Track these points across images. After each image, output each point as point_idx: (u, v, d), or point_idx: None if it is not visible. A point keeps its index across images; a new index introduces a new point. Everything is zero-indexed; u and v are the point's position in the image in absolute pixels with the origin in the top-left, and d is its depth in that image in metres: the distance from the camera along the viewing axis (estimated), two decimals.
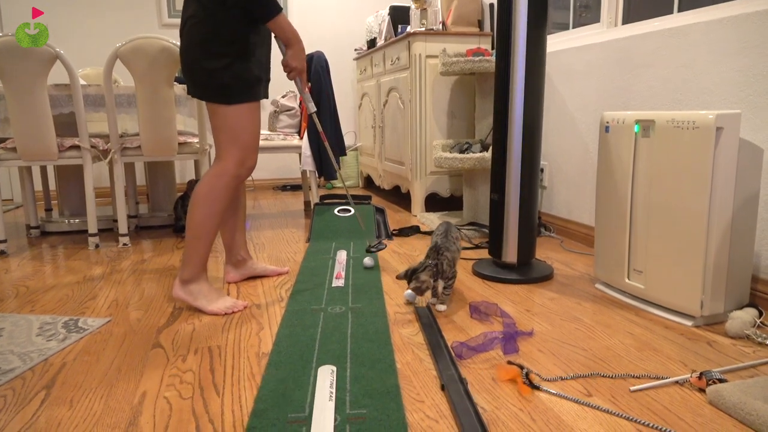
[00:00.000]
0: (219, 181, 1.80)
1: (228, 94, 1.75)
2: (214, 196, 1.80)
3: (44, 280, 2.23)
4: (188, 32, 1.74)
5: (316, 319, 1.71)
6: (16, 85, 2.50)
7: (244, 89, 1.76)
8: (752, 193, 1.65)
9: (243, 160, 1.82)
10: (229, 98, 1.75)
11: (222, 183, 1.80)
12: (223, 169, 1.80)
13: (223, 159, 1.81)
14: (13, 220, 3.62)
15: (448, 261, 1.73)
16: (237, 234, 2.10)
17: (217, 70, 1.72)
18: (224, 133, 1.79)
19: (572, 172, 2.70)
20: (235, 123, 1.78)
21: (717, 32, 1.88)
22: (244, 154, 1.82)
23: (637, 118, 1.77)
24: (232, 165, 1.81)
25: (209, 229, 1.82)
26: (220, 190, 1.80)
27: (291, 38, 1.77)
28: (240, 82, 1.74)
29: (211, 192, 1.79)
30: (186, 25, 1.75)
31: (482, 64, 2.83)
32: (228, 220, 2.07)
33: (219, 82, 1.73)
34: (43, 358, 1.49)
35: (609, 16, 2.51)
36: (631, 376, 1.34)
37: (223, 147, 1.81)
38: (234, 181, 1.83)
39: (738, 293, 1.68)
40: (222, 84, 1.73)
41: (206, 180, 1.80)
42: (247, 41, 1.73)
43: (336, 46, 4.84)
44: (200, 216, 1.80)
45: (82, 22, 4.30)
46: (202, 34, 1.71)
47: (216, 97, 1.76)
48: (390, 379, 1.32)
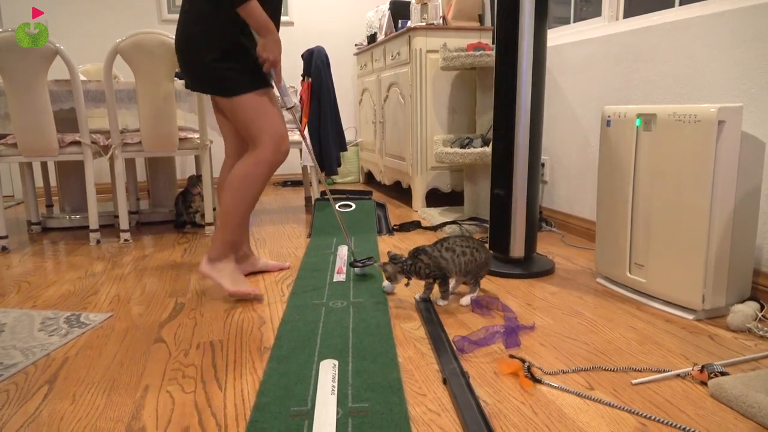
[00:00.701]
0: (256, 168, 1.85)
1: (234, 85, 1.78)
2: (249, 182, 1.85)
3: (46, 275, 2.23)
4: (185, 28, 1.76)
5: (317, 314, 1.71)
6: (17, 80, 2.50)
7: (249, 78, 1.79)
8: (754, 186, 1.64)
9: (278, 146, 1.86)
10: (236, 89, 1.78)
11: (259, 170, 1.85)
12: (260, 157, 1.84)
13: (259, 148, 1.85)
14: (14, 216, 3.62)
15: (425, 264, 1.73)
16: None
17: (218, 64, 1.74)
18: (250, 124, 1.83)
19: (573, 166, 2.70)
20: (256, 111, 1.81)
21: (718, 26, 1.88)
22: (277, 139, 1.85)
23: (638, 111, 1.76)
24: (269, 153, 1.85)
25: (242, 212, 1.88)
26: (257, 177, 1.85)
27: (261, 28, 1.75)
28: (240, 73, 1.78)
29: (247, 178, 1.84)
30: (182, 21, 1.76)
31: (483, 58, 2.83)
32: None
33: (221, 75, 1.76)
34: (45, 353, 1.49)
35: (610, 10, 2.51)
36: (632, 370, 1.34)
37: (256, 137, 1.84)
38: (271, 168, 1.87)
39: (739, 287, 1.68)
40: (225, 77, 1.77)
41: (243, 167, 1.84)
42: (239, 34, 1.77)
43: (336, 41, 4.83)
44: (234, 200, 1.86)
45: (82, 17, 4.29)
46: (198, 30, 1.74)
47: (225, 90, 1.79)
48: (392, 373, 1.32)
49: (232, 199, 1.86)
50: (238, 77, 1.79)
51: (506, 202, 2.11)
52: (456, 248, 1.76)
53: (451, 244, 1.77)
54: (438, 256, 1.74)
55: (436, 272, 1.74)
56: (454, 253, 1.76)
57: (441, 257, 1.75)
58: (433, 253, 1.75)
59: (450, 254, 1.75)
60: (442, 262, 1.74)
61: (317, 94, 3.24)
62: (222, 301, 1.88)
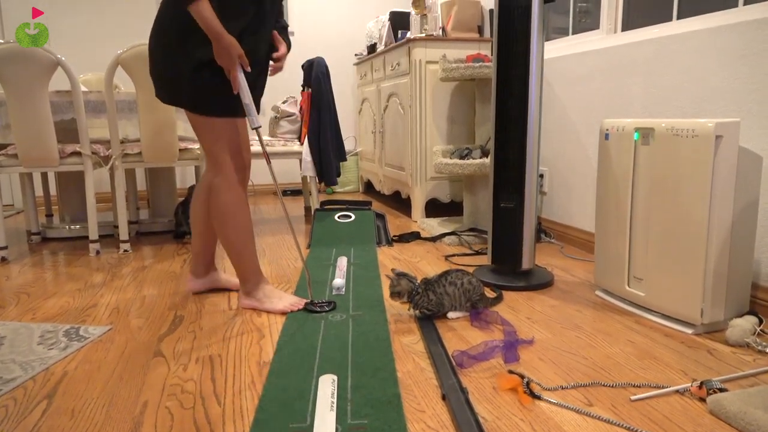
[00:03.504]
0: (230, 194, 1.82)
1: (206, 107, 1.74)
2: (235, 209, 1.82)
3: (45, 287, 2.23)
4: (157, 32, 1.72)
5: (316, 327, 1.71)
6: (18, 91, 2.51)
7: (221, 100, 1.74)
8: (752, 200, 1.65)
9: (239, 162, 1.83)
10: (204, 108, 1.74)
11: (234, 194, 1.82)
12: (227, 180, 1.81)
13: (220, 170, 1.81)
14: (14, 225, 3.62)
15: (428, 300, 1.75)
16: (208, 245, 2.04)
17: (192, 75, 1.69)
18: (210, 145, 1.79)
19: (572, 177, 2.71)
20: (219, 136, 1.78)
21: (716, 40, 1.89)
22: (237, 155, 1.83)
23: (636, 125, 1.77)
24: (231, 173, 1.82)
25: (245, 240, 1.87)
26: (237, 202, 1.83)
27: (209, 31, 1.62)
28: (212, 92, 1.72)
29: (231, 208, 1.82)
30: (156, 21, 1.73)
31: (482, 70, 2.84)
32: (201, 228, 2.00)
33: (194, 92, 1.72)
34: (44, 367, 1.49)
35: (608, 22, 2.52)
36: (631, 385, 1.34)
37: (215, 156, 1.80)
38: (241, 186, 1.85)
39: (738, 301, 1.69)
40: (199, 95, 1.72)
41: (220, 198, 1.81)
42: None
43: (336, 51, 4.85)
44: (232, 234, 1.84)
45: (84, 27, 4.31)
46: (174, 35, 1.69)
47: (194, 108, 1.74)
48: (391, 388, 1.32)
49: (229, 232, 1.84)
50: (208, 95, 1.72)
51: (516, 214, 2.11)
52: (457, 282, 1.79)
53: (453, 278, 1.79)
54: (443, 293, 1.76)
55: (435, 309, 1.77)
56: (455, 287, 1.78)
57: (445, 293, 1.76)
58: (438, 289, 1.76)
59: (452, 288, 1.77)
60: (445, 300, 1.76)
61: (317, 105, 3.25)
62: (221, 314, 1.89)
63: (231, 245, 1.86)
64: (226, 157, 1.81)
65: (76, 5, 4.27)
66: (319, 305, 1.89)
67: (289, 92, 4.78)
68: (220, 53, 1.65)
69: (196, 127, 1.80)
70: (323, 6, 4.77)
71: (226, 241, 1.86)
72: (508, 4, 2.01)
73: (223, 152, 1.80)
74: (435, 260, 2.52)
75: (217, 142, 1.79)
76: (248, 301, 1.92)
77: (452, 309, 1.79)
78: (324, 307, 1.88)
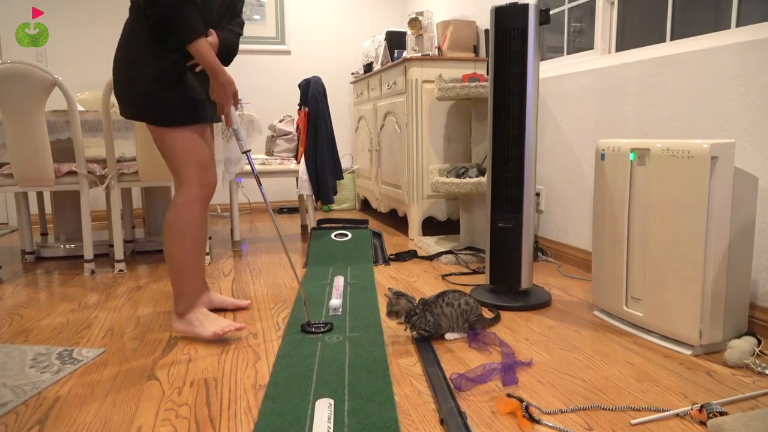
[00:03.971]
0: (188, 209, 1.78)
1: (170, 116, 1.71)
2: (186, 226, 1.78)
3: (39, 308, 2.21)
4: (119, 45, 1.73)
5: (313, 349, 1.70)
6: (14, 111, 2.51)
7: (182, 111, 1.72)
8: (748, 220, 1.65)
9: (201, 178, 1.80)
10: (171, 121, 1.72)
11: (191, 211, 1.78)
12: (188, 195, 1.78)
13: (184, 184, 1.78)
14: (8, 244, 3.60)
15: (426, 321, 1.74)
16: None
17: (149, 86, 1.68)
18: (172, 157, 1.76)
19: (568, 196, 2.71)
20: (183, 148, 1.75)
21: (709, 61, 1.91)
22: (202, 171, 1.79)
23: (632, 146, 1.78)
24: (195, 188, 1.79)
25: (192, 259, 1.82)
26: (191, 218, 1.78)
27: (209, 68, 1.69)
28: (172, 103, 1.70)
29: (183, 222, 1.77)
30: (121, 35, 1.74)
31: (478, 89, 2.86)
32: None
33: (157, 103, 1.69)
34: (36, 391, 1.47)
35: (603, 43, 2.55)
36: (631, 409, 1.32)
37: (180, 171, 1.78)
38: (202, 203, 1.81)
39: (736, 321, 1.68)
40: (161, 106, 1.70)
41: (175, 212, 1.78)
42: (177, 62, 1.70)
43: (333, 69, 4.88)
44: (179, 250, 1.79)
45: (81, 46, 4.33)
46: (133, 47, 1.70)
47: (157, 119, 1.72)
48: (388, 412, 1.31)
49: (175, 247, 1.79)
50: (168, 107, 1.71)
51: (515, 234, 2.11)
52: (454, 303, 1.78)
53: (450, 299, 1.78)
54: (440, 314, 1.75)
55: (432, 331, 1.75)
56: (452, 308, 1.77)
57: (443, 314, 1.75)
58: (435, 310, 1.75)
59: (450, 309, 1.76)
60: (442, 321, 1.75)
61: (314, 124, 3.26)
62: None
63: (173, 261, 1.81)
64: (190, 172, 1.78)
65: (74, 25, 4.30)
66: (316, 326, 1.87)
67: (286, 111, 4.80)
68: (217, 89, 1.74)
69: (162, 144, 1.76)
70: (320, 25, 4.81)
71: (170, 257, 1.80)
72: (504, 25, 2.03)
73: (187, 167, 1.77)
74: (432, 279, 2.51)
75: (182, 156, 1.76)
76: (179, 325, 1.84)
77: (450, 330, 1.78)
78: (321, 327, 1.86)
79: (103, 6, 4.33)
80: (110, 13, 4.34)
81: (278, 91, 4.78)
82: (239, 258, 3.04)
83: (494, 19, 2.05)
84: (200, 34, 1.65)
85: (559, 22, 2.91)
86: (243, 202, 4.84)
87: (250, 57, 4.67)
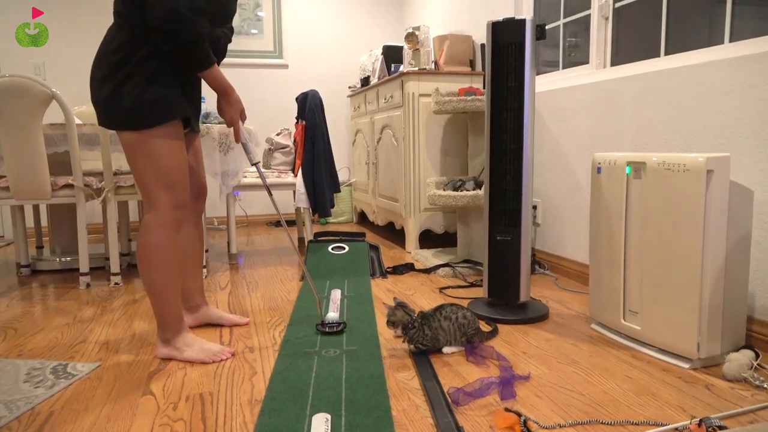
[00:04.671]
0: (161, 234, 1.68)
1: (134, 119, 1.61)
2: (162, 252, 1.69)
3: (33, 321, 2.19)
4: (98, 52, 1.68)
5: (310, 363, 1.69)
6: (12, 124, 2.51)
7: (151, 111, 1.62)
8: (744, 234, 1.66)
9: (173, 199, 1.69)
10: (136, 123, 1.61)
11: (165, 235, 1.69)
12: (160, 219, 1.68)
13: (155, 206, 1.68)
14: (3, 257, 3.58)
15: (423, 334, 1.73)
16: (188, 279, 1.98)
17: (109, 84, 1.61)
18: (140, 170, 1.66)
19: (565, 209, 2.72)
20: (148, 155, 1.64)
21: (704, 75, 1.93)
22: (175, 192, 1.69)
23: (628, 159, 1.79)
24: (167, 210, 1.69)
25: (172, 286, 1.73)
26: (166, 244, 1.69)
27: (220, 89, 1.74)
28: (143, 104, 1.60)
29: (158, 250, 1.68)
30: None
31: (475, 103, 2.88)
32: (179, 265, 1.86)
33: (120, 105, 1.60)
34: (30, 406, 1.45)
35: (597, 58, 2.57)
36: (630, 423, 1.32)
37: (149, 190, 1.67)
38: (176, 226, 1.72)
39: (734, 334, 1.68)
40: (124, 107, 1.60)
41: (147, 237, 1.68)
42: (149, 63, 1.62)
43: (330, 83, 4.91)
44: (157, 277, 1.70)
45: (79, 59, 4.35)
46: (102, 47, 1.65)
47: (122, 123, 1.62)
48: (386, 427, 1.30)
49: (152, 275, 1.69)
50: (145, 106, 1.60)
51: (513, 247, 2.11)
52: (452, 316, 1.78)
53: (448, 312, 1.78)
54: (438, 327, 1.75)
55: (430, 345, 1.75)
56: (450, 321, 1.76)
57: (440, 328, 1.75)
58: (433, 323, 1.75)
59: (447, 323, 1.76)
60: (440, 335, 1.75)
61: (311, 137, 3.27)
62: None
63: (154, 289, 1.72)
64: (160, 193, 1.67)
65: (72, 39, 4.31)
66: (330, 326, 1.92)
67: (283, 124, 4.82)
68: (226, 107, 1.80)
69: (134, 154, 1.65)
70: (317, 39, 4.84)
71: (150, 285, 1.71)
72: (501, 40, 2.05)
73: (156, 186, 1.66)
74: (429, 292, 2.50)
75: (154, 171, 1.65)
76: (166, 350, 1.77)
77: (447, 344, 1.77)
78: (334, 327, 1.91)
79: (101, 20, 4.35)
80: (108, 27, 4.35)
81: (275, 105, 4.79)
82: (236, 271, 3.03)
83: (491, 33, 2.06)
84: (213, 62, 1.66)
85: (554, 37, 2.94)
86: (240, 215, 4.83)
87: (247, 71, 4.69)
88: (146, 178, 1.67)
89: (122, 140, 1.66)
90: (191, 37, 1.56)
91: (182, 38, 1.56)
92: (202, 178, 1.96)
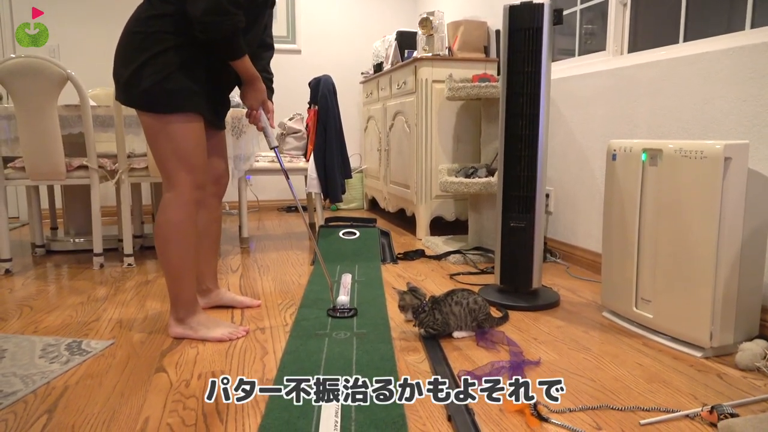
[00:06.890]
0: (181, 212, 1.70)
1: (150, 102, 1.64)
2: (181, 230, 1.71)
3: (48, 300, 2.22)
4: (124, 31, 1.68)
5: (320, 345, 1.70)
6: (27, 105, 2.53)
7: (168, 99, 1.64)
8: (761, 223, 1.64)
9: (194, 180, 1.72)
10: (153, 106, 1.64)
11: (185, 213, 1.71)
12: (180, 198, 1.70)
13: (175, 185, 1.70)
14: (18, 238, 3.62)
15: (433, 318, 1.73)
16: (203, 263, 1.99)
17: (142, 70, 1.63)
18: (165, 152, 1.68)
19: (578, 197, 2.70)
20: (173, 137, 1.67)
21: (723, 62, 1.89)
22: (195, 172, 1.72)
23: (644, 146, 1.77)
24: (187, 189, 1.71)
25: (188, 264, 1.75)
26: (185, 221, 1.71)
27: (249, 78, 1.79)
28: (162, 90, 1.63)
29: (176, 228, 1.70)
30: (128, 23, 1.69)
31: (488, 89, 2.85)
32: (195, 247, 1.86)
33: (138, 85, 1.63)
34: (45, 381, 1.48)
35: (615, 44, 2.54)
36: (640, 409, 1.31)
37: (170, 170, 1.70)
38: (195, 207, 1.74)
39: (748, 324, 1.67)
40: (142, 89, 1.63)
41: (166, 215, 1.70)
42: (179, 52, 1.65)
43: (343, 69, 4.89)
44: (174, 255, 1.72)
45: (94, 42, 4.36)
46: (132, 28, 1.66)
47: (137, 103, 1.66)
48: (396, 408, 1.30)
49: (169, 254, 1.72)
50: (165, 91, 1.63)
51: (526, 234, 2.10)
52: (463, 301, 1.77)
53: (459, 297, 1.77)
54: (448, 312, 1.74)
55: (440, 329, 1.75)
56: (461, 306, 1.76)
57: (451, 312, 1.74)
58: (444, 308, 1.75)
59: (458, 308, 1.75)
60: (450, 320, 1.75)
61: (323, 122, 3.26)
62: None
63: (171, 267, 1.74)
64: (180, 173, 1.69)
65: (87, 20, 4.33)
66: (341, 311, 1.94)
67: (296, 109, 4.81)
68: (249, 94, 1.85)
69: (155, 137, 1.68)
70: (331, 25, 4.82)
71: (166, 263, 1.73)
72: (517, 25, 2.02)
73: (177, 167, 1.69)
74: (440, 279, 2.50)
75: (174, 152, 1.68)
76: (180, 329, 1.79)
77: (458, 329, 1.77)
78: (345, 313, 1.93)
79: (115, 3, 4.36)
80: (123, 10, 4.36)
81: (288, 90, 4.79)
82: (247, 255, 3.05)
83: (508, 18, 2.04)
84: (245, 53, 1.70)
85: (570, 25, 2.90)
86: (251, 199, 4.85)
87: None
88: (166, 159, 1.70)
89: (142, 122, 1.70)
90: (230, 29, 1.60)
91: (221, 30, 1.59)
92: (224, 163, 1.98)
